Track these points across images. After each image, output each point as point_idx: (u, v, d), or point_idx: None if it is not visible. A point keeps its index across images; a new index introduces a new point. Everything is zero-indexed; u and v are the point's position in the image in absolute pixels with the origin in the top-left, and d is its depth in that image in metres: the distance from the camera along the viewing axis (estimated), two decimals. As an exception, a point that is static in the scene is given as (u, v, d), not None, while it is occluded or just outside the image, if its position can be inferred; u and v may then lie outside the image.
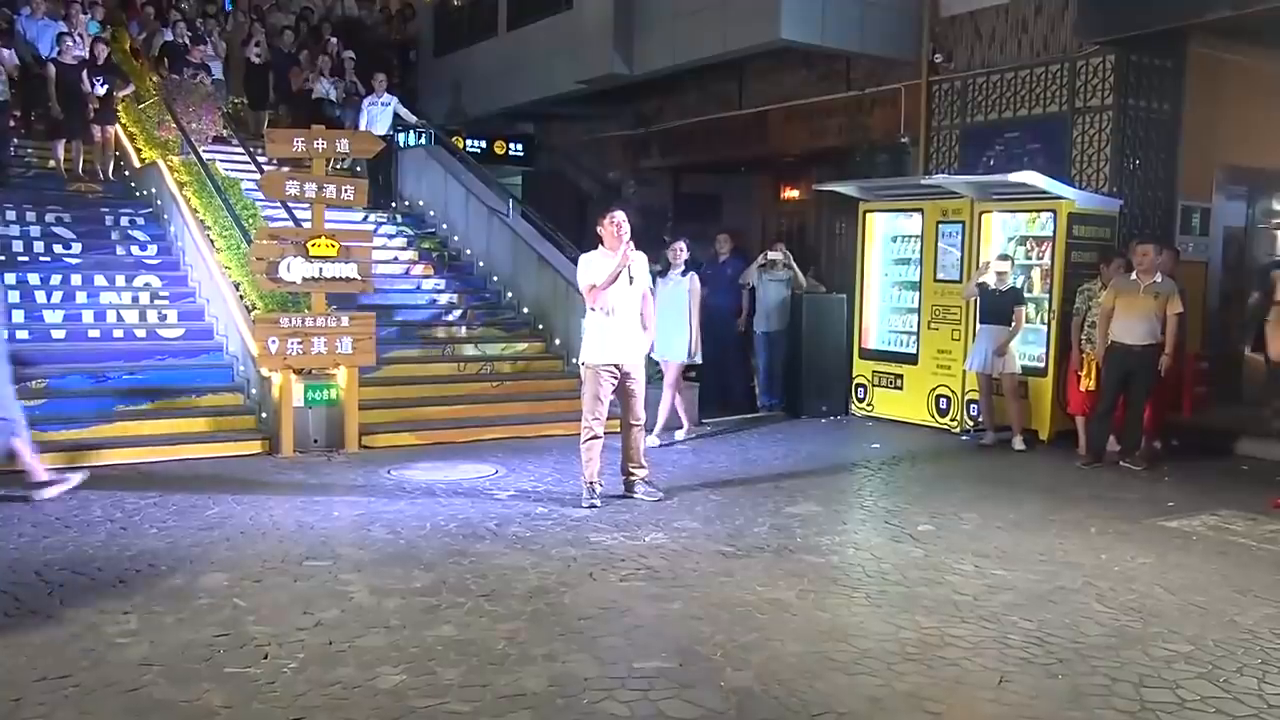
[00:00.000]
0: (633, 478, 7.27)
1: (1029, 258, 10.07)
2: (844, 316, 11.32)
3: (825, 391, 11.19)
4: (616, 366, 7.07)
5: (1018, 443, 9.39)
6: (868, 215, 11.28)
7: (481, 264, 13.12)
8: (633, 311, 7.13)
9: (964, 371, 10.10)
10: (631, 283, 7.01)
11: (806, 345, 11.18)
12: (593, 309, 7.05)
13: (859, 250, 11.39)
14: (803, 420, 10.87)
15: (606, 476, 7.27)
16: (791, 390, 11.31)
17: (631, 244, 6.99)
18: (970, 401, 10.16)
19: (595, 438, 7.08)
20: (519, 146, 17.43)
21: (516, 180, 17.32)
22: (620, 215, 7.09)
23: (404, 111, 14.45)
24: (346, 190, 9.17)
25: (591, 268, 7.10)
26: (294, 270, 8.60)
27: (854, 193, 11.34)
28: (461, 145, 15.64)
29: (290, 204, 10.33)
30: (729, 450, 9.24)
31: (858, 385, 11.30)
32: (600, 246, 7.16)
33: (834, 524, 6.71)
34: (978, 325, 9.80)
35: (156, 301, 10.90)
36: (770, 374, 11.50)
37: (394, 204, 14.59)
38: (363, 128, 13.59)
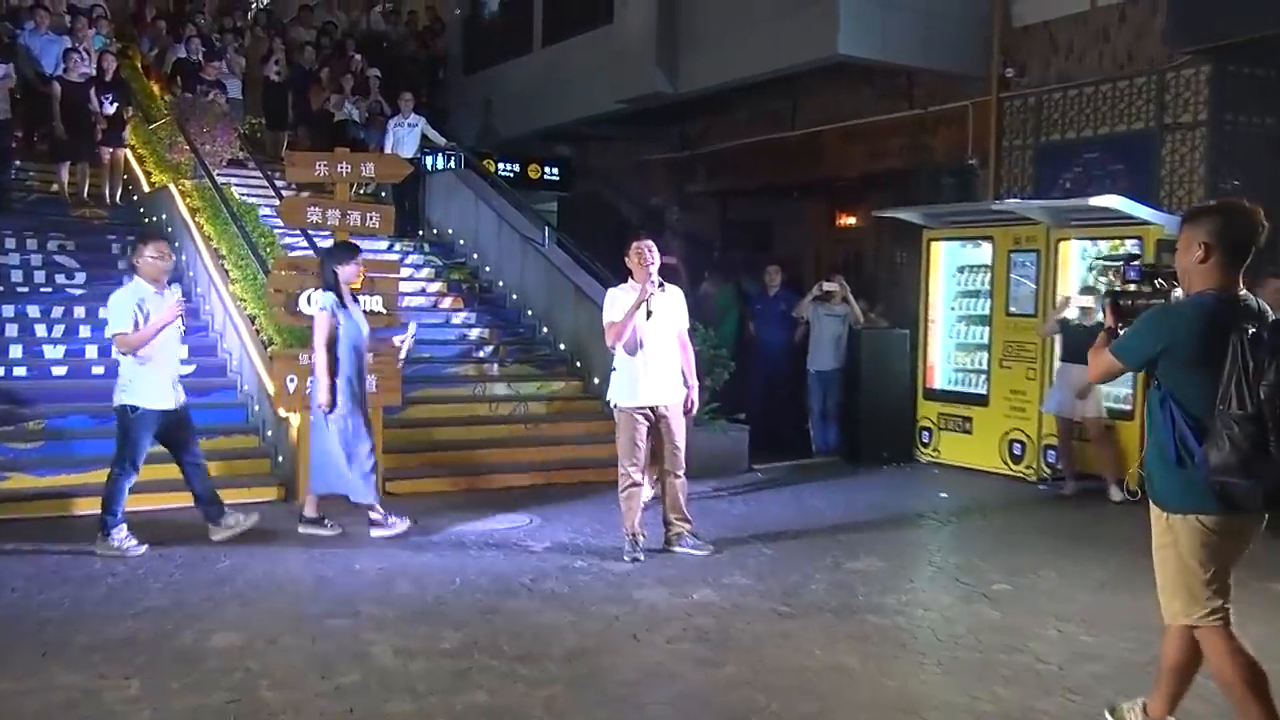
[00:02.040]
0: (675, 530, 7.24)
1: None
2: (906, 354, 11.28)
3: (886, 435, 11.13)
4: (650, 409, 7.06)
5: (1114, 493, 9.20)
6: (932, 244, 11.24)
7: (515, 296, 13.16)
8: (665, 348, 7.11)
9: (1040, 414, 9.96)
10: (649, 317, 6.98)
11: (865, 385, 11.15)
12: (612, 348, 7.05)
13: (922, 282, 11.35)
14: (862, 467, 10.82)
15: (650, 527, 7.24)
16: (849, 434, 11.28)
17: (655, 277, 6.99)
18: (1048, 447, 10.03)
19: (635, 485, 7.07)
20: (555, 170, 17.51)
21: (552, 206, 17.42)
22: (648, 244, 7.10)
23: (432, 133, 14.58)
24: (372, 217, 9.19)
25: (615, 304, 7.10)
26: (315, 303, 8.45)
27: (917, 220, 11.32)
28: (493, 169, 15.81)
29: (311, 232, 10.37)
30: (782, 499, 9.23)
31: (922, 429, 11.23)
32: (630, 279, 7.16)
33: (900, 581, 6.64)
34: (1057, 363, 9.67)
35: None
36: (826, 416, 11.49)
37: (421, 232, 14.69)
38: (388, 150, 13.73)
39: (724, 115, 15.63)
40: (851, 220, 15.48)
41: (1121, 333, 4.10)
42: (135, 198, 14.04)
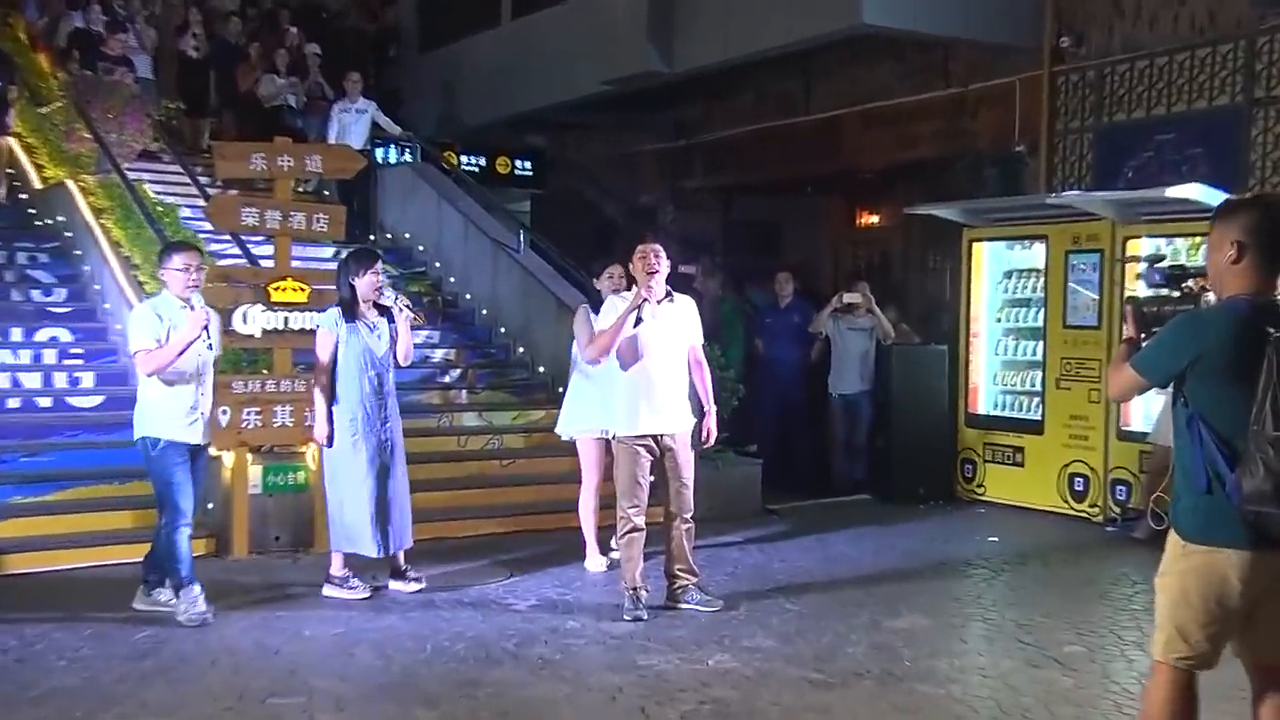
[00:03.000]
0: (680, 584, 7.22)
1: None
2: (944, 373, 11.31)
3: (922, 469, 11.14)
4: (655, 439, 7.04)
5: (1140, 529, 9.29)
6: (974, 245, 11.26)
7: (485, 311, 13.15)
8: (673, 367, 7.13)
9: (1107, 444, 9.93)
10: (637, 324, 6.98)
11: (897, 410, 11.17)
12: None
13: (963, 289, 11.37)
14: (894, 506, 10.81)
15: (653, 580, 7.23)
16: (879, 468, 11.32)
17: (660, 286, 7.01)
18: (1116, 482, 10.00)
19: (635, 531, 7.06)
20: (527, 164, 17.61)
21: (525, 206, 17.41)
22: (654, 248, 7.12)
23: (384, 120, 14.60)
24: (319, 220, 9.16)
25: (608, 316, 7.15)
26: (252, 321, 8.55)
27: (956, 217, 11.36)
28: (455, 163, 15.81)
29: (246, 237, 10.33)
30: (805, 546, 9.22)
31: (964, 461, 11.25)
32: (617, 291, 7.23)
33: (950, 642, 6.63)
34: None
35: (66, 362, 10.88)
36: (851, 447, 11.55)
37: (373, 236, 14.65)
38: (332, 140, 13.72)
39: (726, 98, 15.63)
40: (876, 219, 15.50)
41: (1144, 344, 4.10)
42: (24, 196, 13.88)
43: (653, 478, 7.14)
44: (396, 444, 7.61)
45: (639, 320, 6.98)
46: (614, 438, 7.16)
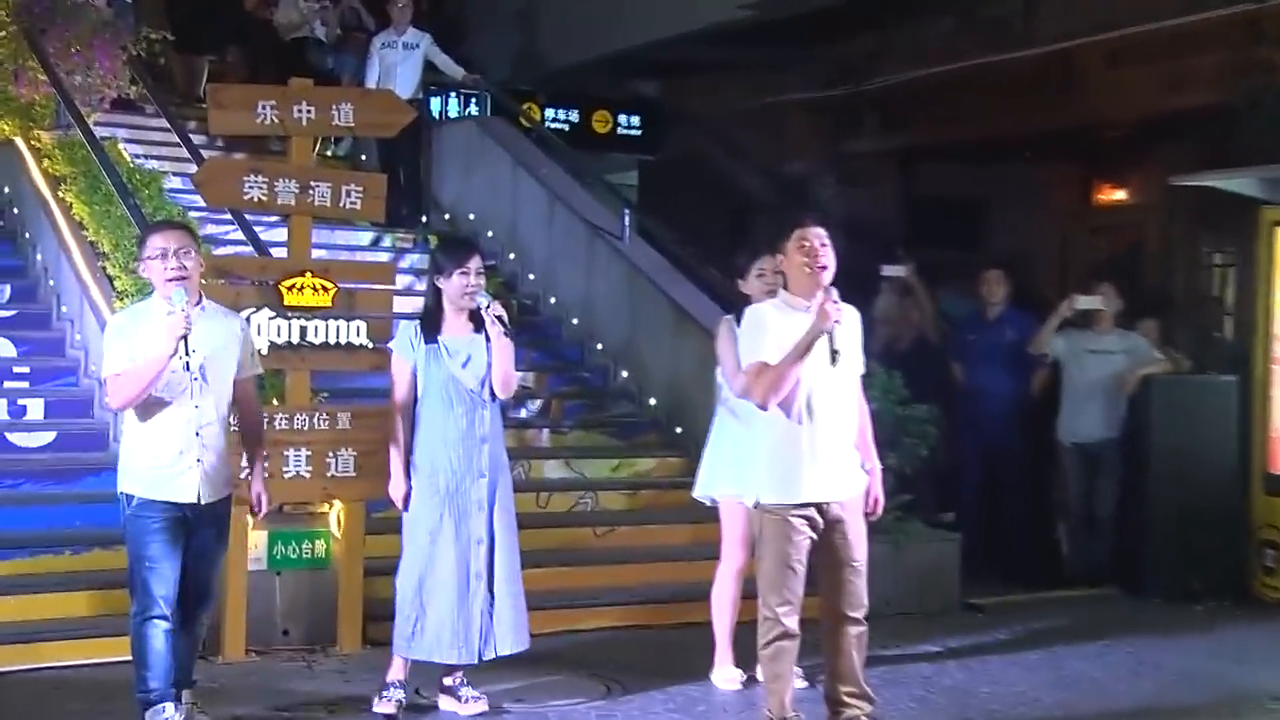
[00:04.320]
0: (850, 714, 6.92)
1: None
2: (1231, 415, 11.09)
3: (1197, 553, 10.84)
4: (818, 510, 6.74)
5: None
6: (1278, 230, 10.89)
7: (575, 321, 13.23)
8: (842, 411, 6.88)
9: None
10: (835, 360, 6.69)
11: (1159, 467, 10.97)
12: (764, 406, 6.74)
13: (1261, 295, 11.02)
14: (1155, 605, 10.58)
15: (806, 707, 7.04)
16: (1131, 548, 11.15)
17: (834, 291, 6.69)
18: None
19: (785, 638, 6.80)
20: (634, 121, 17.93)
21: (631, 178, 17.84)
22: (816, 231, 6.84)
23: (442, 60, 14.67)
24: (350, 193, 9.06)
25: (759, 335, 6.79)
26: (257, 331, 8.43)
27: (1248, 189, 11.25)
28: (538, 118, 16.02)
29: (251, 216, 10.37)
30: (1025, 661, 8.98)
31: (1264, 544, 10.88)
32: (779, 294, 6.94)
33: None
34: None
35: (8, 384, 10.94)
36: (1090, 517, 11.39)
37: (426, 218, 14.78)
38: (372, 85, 13.80)
39: (910, 27, 15.68)
40: (1123, 194, 15.40)
41: None
42: None
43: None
44: (500, 507, 7.54)
45: (835, 354, 6.64)
46: (758, 506, 6.86)
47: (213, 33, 16.22)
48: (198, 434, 6.74)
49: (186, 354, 6.56)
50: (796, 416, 6.70)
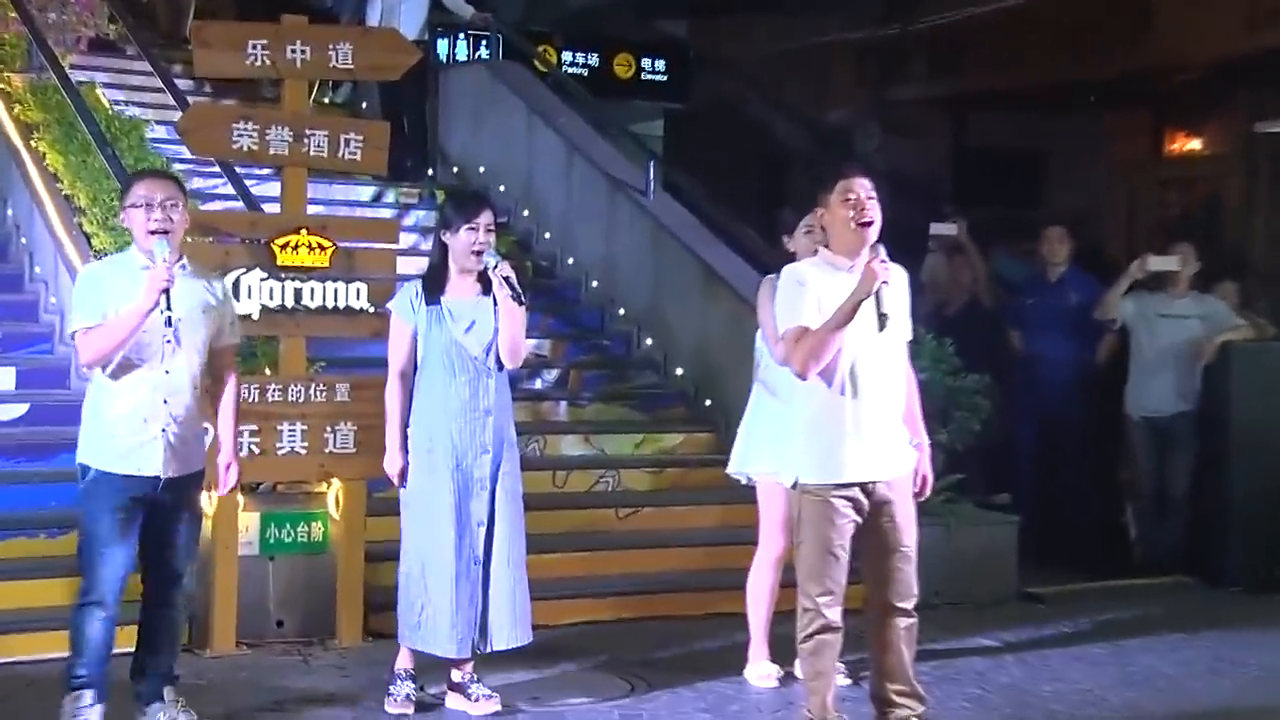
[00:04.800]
0: (898, 715, 6.90)
1: None
2: None
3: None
4: (863, 490, 6.73)
5: None
6: None
7: (595, 283, 13.30)
8: (889, 382, 6.84)
9: None
10: (882, 325, 6.67)
11: (1238, 442, 11.06)
12: (803, 375, 6.71)
13: None
14: (1231, 594, 10.67)
15: (849, 705, 7.12)
16: (1206, 533, 11.17)
17: (881, 249, 6.69)
18: None
19: (827, 631, 6.78)
20: (660, 64, 17.86)
21: (657, 128, 17.78)
22: (860, 181, 6.80)
23: None
24: (350, 143, 9.09)
25: (797, 296, 6.77)
26: (249, 295, 8.54)
27: None
28: (555, 62, 16.07)
29: (241, 166, 10.40)
30: (1090, 656, 8.96)
31: None
32: (819, 253, 6.94)
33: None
34: None
35: None
36: (1162, 498, 11.43)
37: (432, 171, 14.92)
38: (373, 24, 13.75)
39: None
40: (1199, 144, 15.40)
41: None
42: None
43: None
44: (504, 487, 7.51)
45: (883, 318, 6.61)
46: (796, 486, 6.84)
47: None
48: (165, 401, 6.73)
49: (168, 309, 6.57)
50: (839, 388, 6.65)
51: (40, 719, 6.97)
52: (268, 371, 8.90)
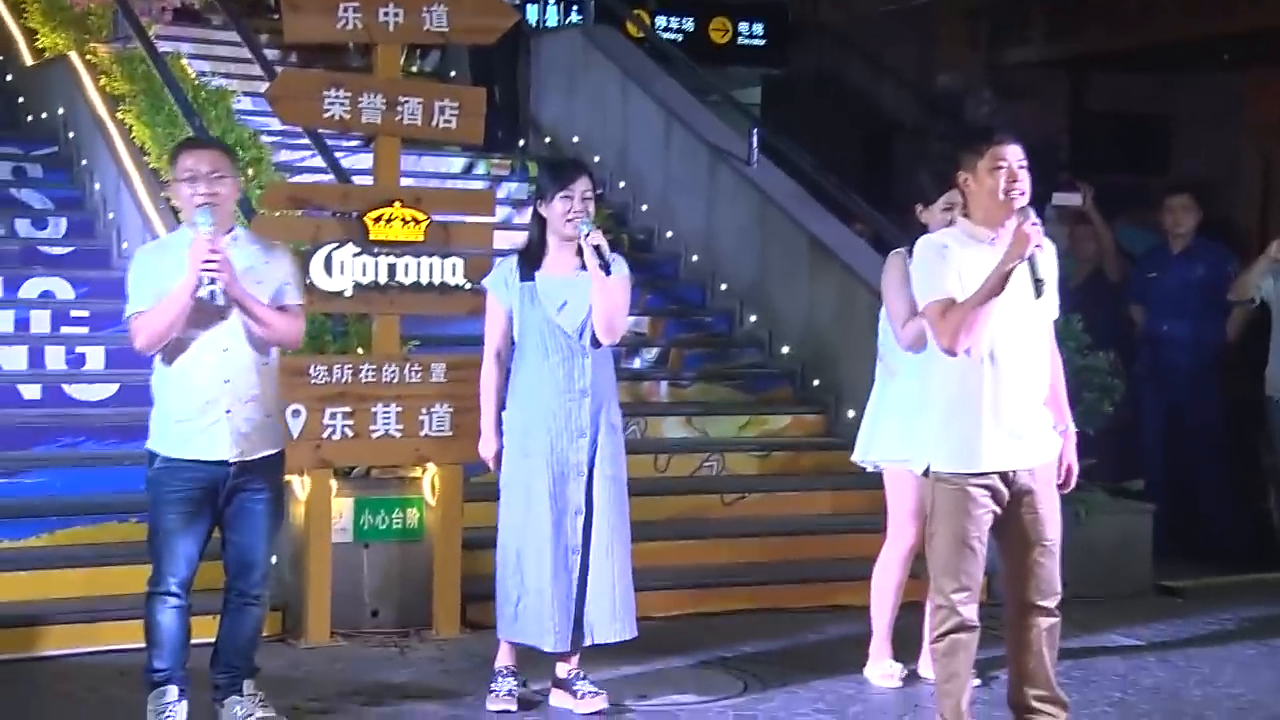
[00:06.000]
0: (1040, 717, 6.74)
1: None
2: None
3: None
4: (1003, 480, 6.54)
5: None
6: None
7: (695, 258, 13.27)
8: (1032, 363, 6.68)
9: None
10: (1039, 291, 6.49)
11: None
12: (951, 351, 6.49)
13: None
14: None
15: (981, 709, 7.05)
16: None
17: (1032, 212, 6.47)
18: None
19: (962, 630, 6.59)
20: (758, 29, 17.96)
21: (755, 95, 17.82)
22: (1011, 149, 6.57)
23: None
24: (445, 110, 9.03)
25: (939, 267, 6.56)
26: (340, 270, 8.55)
27: None
28: (649, 26, 16.02)
29: (330, 137, 10.49)
30: (1240, 658, 8.79)
31: None
32: (957, 223, 6.75)
33: None
34: None
35: (65, 330, 11.08)
36: None
37: (524, 141, 15.08)
38: None
39: None
40: None
41: None
42: (9, 77, 14.55)
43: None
44: (603, 473, 7.43)
45: (1039, 283, 6.41)
46: (929, 474, 6.67)
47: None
48: (227, 381, 6.71)
49: (210, 281, 6.57)
50: (977, 367, 6.50)
51: (131, 711, 6.99)
52: (360, 351, 8.91)
